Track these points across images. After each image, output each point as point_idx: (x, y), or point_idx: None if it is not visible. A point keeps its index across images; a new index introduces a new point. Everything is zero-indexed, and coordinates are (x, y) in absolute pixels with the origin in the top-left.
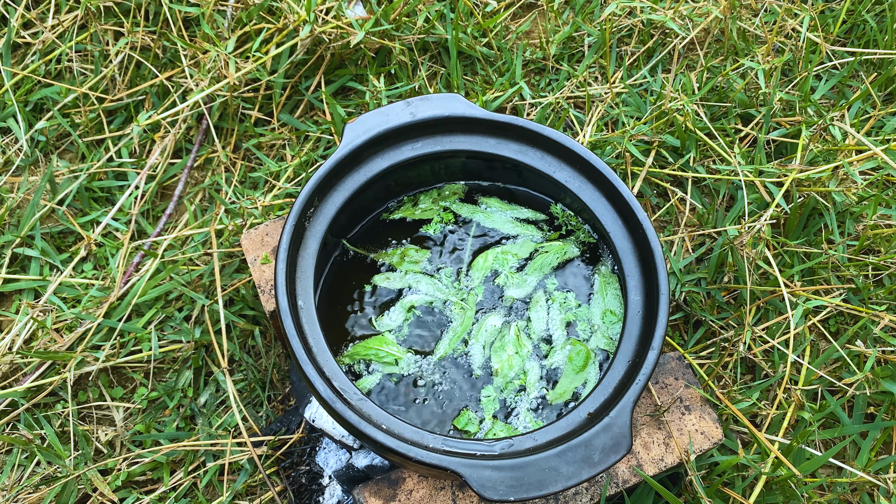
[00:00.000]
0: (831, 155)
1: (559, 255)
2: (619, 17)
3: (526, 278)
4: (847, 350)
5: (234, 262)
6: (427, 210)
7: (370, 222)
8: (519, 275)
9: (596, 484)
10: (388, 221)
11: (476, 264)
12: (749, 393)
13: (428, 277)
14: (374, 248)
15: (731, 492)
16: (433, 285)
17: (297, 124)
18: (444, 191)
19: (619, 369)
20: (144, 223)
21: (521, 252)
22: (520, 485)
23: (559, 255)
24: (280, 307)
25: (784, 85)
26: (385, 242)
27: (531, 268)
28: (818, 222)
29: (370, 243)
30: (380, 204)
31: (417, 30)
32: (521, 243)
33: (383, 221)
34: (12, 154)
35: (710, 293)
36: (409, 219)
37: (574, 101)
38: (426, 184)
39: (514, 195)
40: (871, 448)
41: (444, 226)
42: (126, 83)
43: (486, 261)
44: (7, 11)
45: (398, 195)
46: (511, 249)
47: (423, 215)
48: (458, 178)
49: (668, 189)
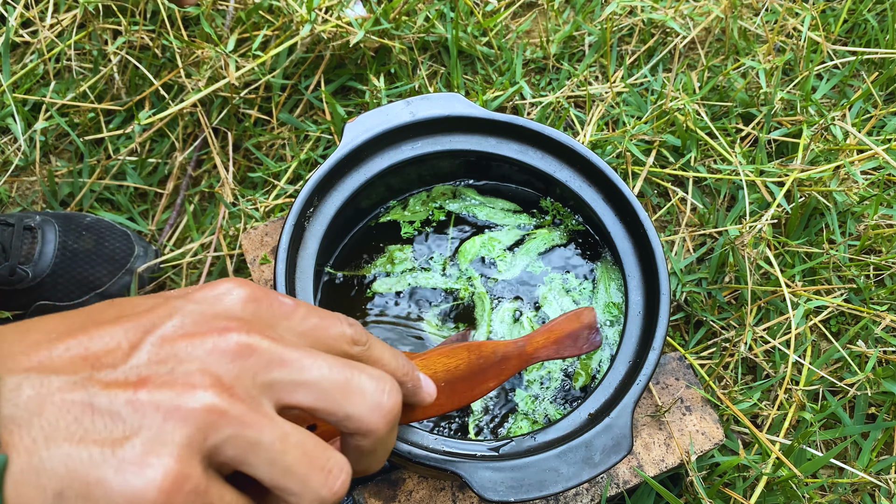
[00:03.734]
0: (832, 154)
1: (546, 241)
2: (620, 16)
3: (514, 261)
4: (848, 350)
5: (234, 262)
6: (417, 213)
7: (362, 229)
8: (507, 257)
9: (596, 485)
10: (377, 226)
11: (463, 250)
12: (750, 393)
13: (425, 272)
14: (366, 258)
15: (732, 492)
16: (432, 279)
17: (296, 124)
18: (434, 192)
19: (620, 370)
20: (142, 223)
21: (506, 239)
22: (520, 485)
23: (546, 241)
24: None
25: (785, 84)
26: (377, 250)
27: (519, 252)
28: (819, 222)
29: (362, 252)
30: (375, 207)
31: (417, 29)
32: (507, 231)
33: (373, 228)
34: (11, 154)
35: (711, 293)
36: (401, 221)
37: (574, 101)
38: (425, 184)
39: (515, 194)
40: (873, 448)
41: (431, 223)
42: (125, 82)
43: (474, 246)
44: (6, 10)
45: (398, 195)
46: (497, 236)
47: (415, 217)
48: (458, 178)
49: (668, 189)
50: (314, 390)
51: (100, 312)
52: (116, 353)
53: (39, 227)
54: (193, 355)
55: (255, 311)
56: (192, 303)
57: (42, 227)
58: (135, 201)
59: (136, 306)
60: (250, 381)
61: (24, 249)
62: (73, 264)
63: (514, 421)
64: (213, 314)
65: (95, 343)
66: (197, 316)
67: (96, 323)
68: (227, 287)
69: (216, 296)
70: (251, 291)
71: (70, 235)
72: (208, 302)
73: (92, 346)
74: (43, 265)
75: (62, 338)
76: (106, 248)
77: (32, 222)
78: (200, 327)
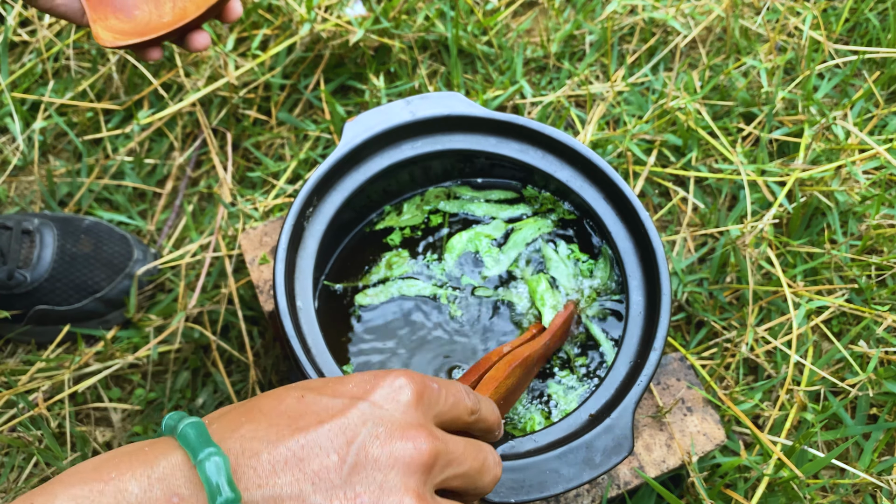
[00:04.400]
0: (834, 154)
1: (533, 230)
2: (621, 15)
3: (500, 257)
4: (850, 350)
5: (233, 262)
6: (415, 216)
7: (358, 235)
8: (495, 252)
9: (597, 486)
10: (371, 233)
11: (450, 247)
12: (751, 394)
13: (412, 280)
14: (361, 267)
15: (734, 493)
16: (418, 286)
17: (296, 123)
18: (427, 195)
19: (621, 370)
20: (141, 223)
21: (494, 233)
22: (521, 486)
23: (533, 230)
24: (279, 308)
25: (786, 84)
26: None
27: (508, 245)
28: (821, 222)
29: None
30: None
31: (417, 28)
32: (494, 224)
33: (368, 234)
34: (9, 153)
35: (713, 293)
36: (396, 227)
37: (575, 100)
38: (425, 184)
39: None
40: (874, 449)
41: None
42: (124, 82)
43: (461, 241)
44: (4, 9)
45: (397, 196)
46: (484, 231)
47: (411, 221)
48: (458, 178)
49: (669, 188)
50: (464, 477)
51: (299, 416)
52: (330, 469)
53: (38, 231)
54: (392, 466)
55: (425, 407)
56: (377, 407)
57: (40, 230)
58: (133, 201)
59: (329, 408)
60: (431, 483)
61: (23, 253)
62: (72, 268)
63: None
64: (399, 422)
65: (311, 459)
66: (387, 423)
67: (300, 430)
68: (400, 383)
69: (392, 393)
70: (417, 387)
71: (68, 239)
72: (388, 401)
73: (308, 463)
74: (41, 269)
75: (278, 454)
76: (105, 252)
77: (31, 225)
78: (393, 436)
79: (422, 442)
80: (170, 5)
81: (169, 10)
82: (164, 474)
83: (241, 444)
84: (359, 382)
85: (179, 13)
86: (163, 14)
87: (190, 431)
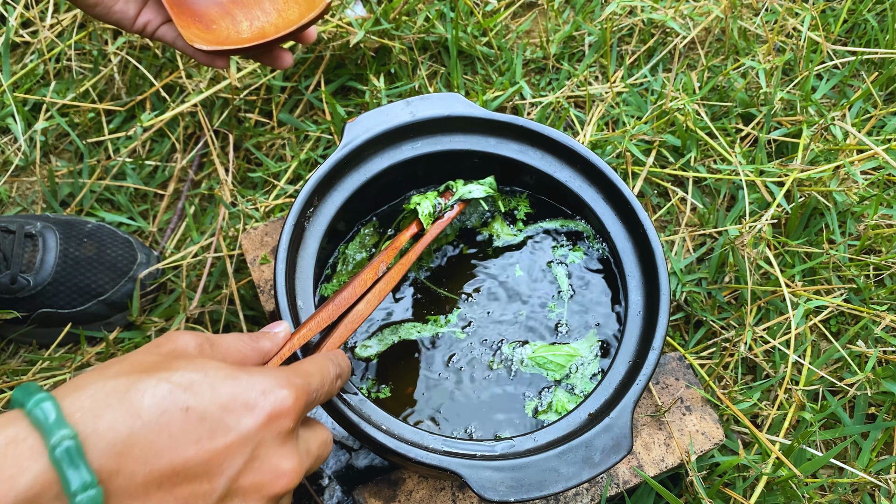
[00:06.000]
0: (832, 154)
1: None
2: (620, 16)
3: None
4: (848, 350)
5: (234, 262)
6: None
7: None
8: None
9: (596, 485)
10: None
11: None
12: (750, 393)
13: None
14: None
15: (732, 492)
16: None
17: (296, 124)
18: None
19: (620, 369)
20: (143, 224)
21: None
22: (520, 485)
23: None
24: (280, 307)
25: (785, 84)
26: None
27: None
28: (819, 222)
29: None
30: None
31: (417, 29)
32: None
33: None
34: (11, 154)
35: (711, 293)
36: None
37: (574, 101)
38: (424, 184)
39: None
40: (873, 448)
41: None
42: (126, 83)
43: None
44: (6, 10)
45: (396, 196)
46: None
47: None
48: (457, 178)
49: (668, 189)
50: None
51: (184, 447)
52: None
53: (40, 234)
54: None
55: (302, 412)
56: (254, 442)
57: (43, 233)
58: (135, 201)
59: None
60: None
61: (26, 257)
62: (75, 272)
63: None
64: (274, 454)
65: (184, 484)
66: (261, 458)
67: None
68: (284, 399)
69: (273, 423)
70: (298, 405)
71: (71, 243)
72: (269, 431)
73: (181, 489)
74: (44, 273)
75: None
76: (108, 256)
77: (33, 229)
78: (263, 466)
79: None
80: (246, 24)
81: (246, 28)
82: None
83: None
84: (242, 402)
85: (258, 32)
86: (241, 31)
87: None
